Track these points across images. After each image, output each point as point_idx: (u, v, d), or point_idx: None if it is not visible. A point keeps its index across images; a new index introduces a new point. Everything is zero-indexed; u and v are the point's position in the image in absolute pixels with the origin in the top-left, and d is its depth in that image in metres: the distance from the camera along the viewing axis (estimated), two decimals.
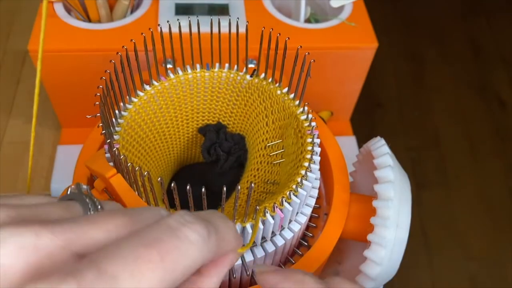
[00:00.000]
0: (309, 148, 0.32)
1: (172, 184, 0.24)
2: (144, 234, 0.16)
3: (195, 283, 0.19)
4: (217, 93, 0.37)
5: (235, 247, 0.20)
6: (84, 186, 0.27)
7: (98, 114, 0.29)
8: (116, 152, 0.28)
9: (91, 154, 0.33)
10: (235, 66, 0.36)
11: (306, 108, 0.34)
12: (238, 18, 0.35)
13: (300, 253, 0.35)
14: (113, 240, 0.16)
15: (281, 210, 0.29)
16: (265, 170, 0.35)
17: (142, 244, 0.16)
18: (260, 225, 0.28)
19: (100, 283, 0.14)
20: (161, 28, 0.33)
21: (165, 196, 0.27)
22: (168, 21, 0.34)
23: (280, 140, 0.35)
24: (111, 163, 0.29)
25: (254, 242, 0.30)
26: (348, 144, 0.62)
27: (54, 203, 0.18)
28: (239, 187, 0.25)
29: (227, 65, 0.36)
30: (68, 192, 0.23)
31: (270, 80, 0.35)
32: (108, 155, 0.30)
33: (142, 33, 0.32)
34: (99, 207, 0.19)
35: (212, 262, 0.19)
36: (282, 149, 0.35)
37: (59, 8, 0.52)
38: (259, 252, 0.30)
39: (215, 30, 0.33)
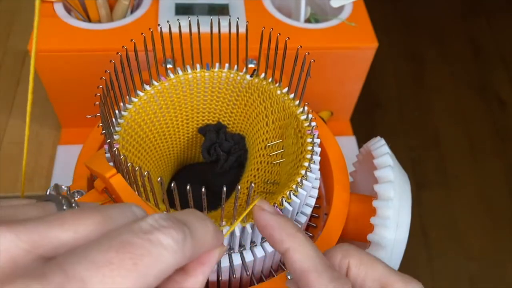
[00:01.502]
0: (309, 148, 0.32)
1: (172, 184, 0.24)
2: (116, 237, 0.15)
3: (180, 283, 0.19)
4: (217, 93, 0.37)
5: (214, 246, 0.20)
6: (64, 187, 0.26)
7: (98, 114, 0.29)
8: (116, 152, 0.28)
9: (91, 154, 0.33)
10: (235, 66, 0.36)
11: (306, 108, 0.34)
12: (238, 18, 0.35)
13: None
14: (82, 242, 0.16)
15: (281, 210, 0.29)
16: (265, 170, 0.35)
17: (114, 248, 0.15)
18: None
19: None
20: (161, 28, 0.33)
21: (165, 196, 0.27)
22: (168, 21, 0.34)
23: (280, 140, 0.35)
24: (111, 163, 0.29)
25: (254, 242, 0.31)
26: (348, 144, 0.62)
27: (30, 205, 0.18)
28: (239, 187, 0.25)
29: (227, 65, 0.36)
30: (48, 193, 0.22)
31: (270, 80, 0.35)
32: (108, 155, 0.30)
33: (142, 33, 0.32)
34: (76, 207, 0.19)
35: (197, 260, 0.19)
36: (282, 149, 0.35)
37: (59, 8, 0.52)
38: (259, 252, 0.30)
39: (215, 30, 0.33)
